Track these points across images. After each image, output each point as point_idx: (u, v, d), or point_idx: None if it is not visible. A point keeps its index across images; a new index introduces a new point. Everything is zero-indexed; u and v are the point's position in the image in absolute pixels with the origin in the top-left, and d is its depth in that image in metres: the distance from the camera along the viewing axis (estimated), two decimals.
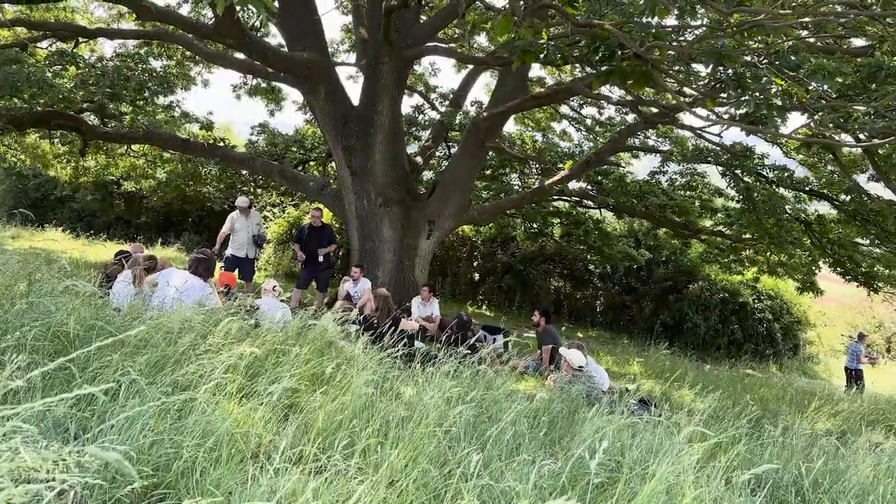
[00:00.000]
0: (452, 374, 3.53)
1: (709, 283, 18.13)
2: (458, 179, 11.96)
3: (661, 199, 12.50)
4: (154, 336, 2.82)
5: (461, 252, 20.21)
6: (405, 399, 2.86)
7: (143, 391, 2.21)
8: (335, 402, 2.55)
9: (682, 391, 8.51)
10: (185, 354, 2.70)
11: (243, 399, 2.63)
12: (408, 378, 3.44)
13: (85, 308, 2.97)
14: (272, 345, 3.48)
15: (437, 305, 11.21)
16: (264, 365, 3.06)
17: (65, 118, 11.42)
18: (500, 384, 4.40)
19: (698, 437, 3.36)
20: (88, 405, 2.12)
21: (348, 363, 3.27)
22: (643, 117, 10.44)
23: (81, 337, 2.66)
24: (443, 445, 2.45)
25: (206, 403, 2.24)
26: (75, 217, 22.63)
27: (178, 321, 3.03)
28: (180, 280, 5.66)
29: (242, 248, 10.86)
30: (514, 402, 3.85)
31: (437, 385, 3.12)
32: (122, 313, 3.54)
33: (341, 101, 11.29)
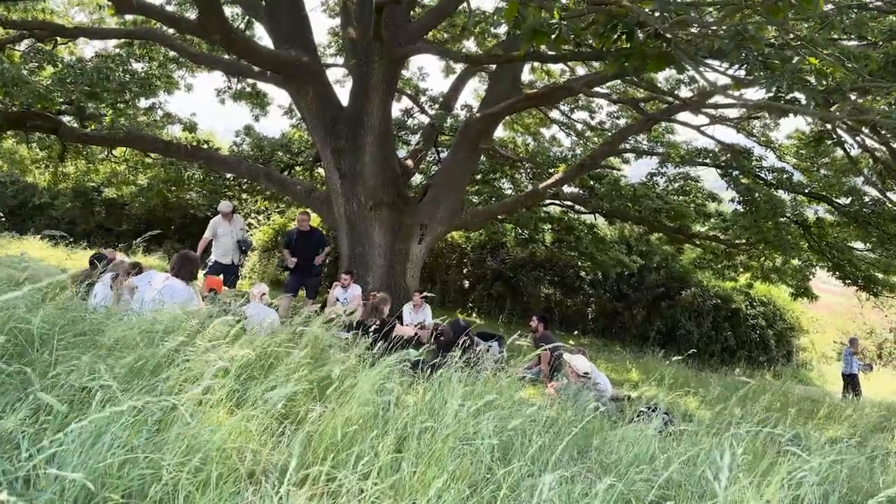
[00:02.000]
0: (464, 381, 3.20)
1: (701, 290, 17.95)
2: (450, 183, 11.66)
3: (655, 203, 12.26)
4: (133, 337, 2.46)
5: (450, 259, 19.89)
6: (420, 406, 2.52)
7: (115, 399, 1.85)
8: (343, 410, 2.21)
9: (687, 399, 8.23)
10: (167, 357, 2.35)
11: (235, 407, 2.29)
12: (417, 385, 3.11)
13: (52, 305, 2.61)
14: (264, 348, 3.13)
15: (430, 312, 10.86)
16: (257, 370, 2.72)
17: (41, 119, 10.98)
18: (510, 392, 4.07)
19: (747, 447, 3.05)
20: (52, 416, 1.76)
21: (351, 369, 2.94)
22: (645, 115, 10.20)
23: (47, 337, 2.30)
24: (471, 460, 2.12)
25: (191, 412, 1.89)
26: (54, 225, 21.99)
27: (162, 321, 2.67)
28: (160, 282, 5.28)
29: (227, 255, 10.45)
30: (526, 410, 3.53)
31: (451, 392, 2.79)
32: (98, 314, 3.17)
33: (330, 102, 10.95)
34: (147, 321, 2.69)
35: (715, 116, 12.25)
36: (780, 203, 10.85)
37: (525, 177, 15.26)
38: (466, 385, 3.30)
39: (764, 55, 3.96)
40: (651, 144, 14.08)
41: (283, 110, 17.07)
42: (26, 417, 1.67)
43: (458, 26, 15.72)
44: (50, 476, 1.35)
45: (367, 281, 11.10)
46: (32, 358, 2.10)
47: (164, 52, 14.09)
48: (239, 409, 2.21)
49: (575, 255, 17.09)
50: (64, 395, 1.90)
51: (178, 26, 9.97)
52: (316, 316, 5.53)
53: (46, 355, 2.10)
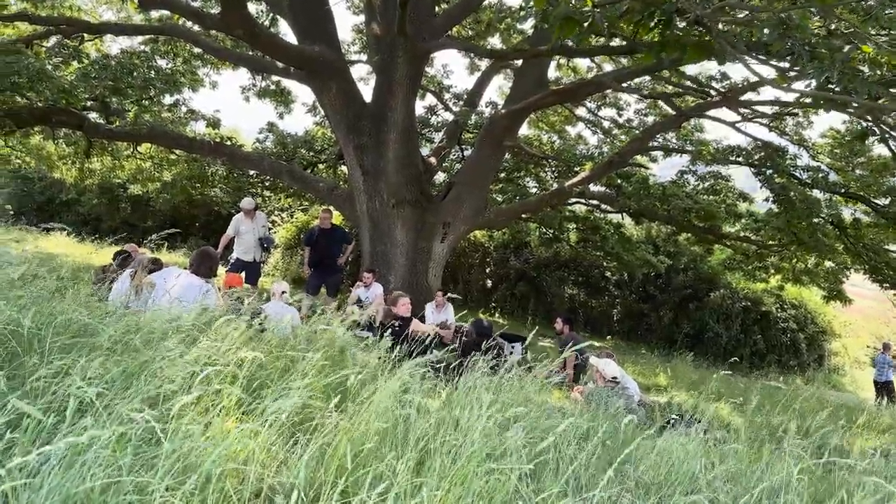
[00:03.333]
0: (490, 387, 3.00)
1: (730, 292, 17.52)
2: (474, 181, 11.45)
3: (685, 203, 11.93)
4: (133, 339, 2.31)
5: (473, 258, 19.69)
6: (442, 416, 2.34)
7: (110, 408, 1.69)
8: (359, 422, 2.03)
9: (719, 405, 7.96)
10: (168, 360, 2.19)
11: (243, 417, 2.12)
12: (440, 390, 2.92)
13: (49, 304, 2.47)
14: (278, 350, 2.97)
15: (452, 311, 10.68)
16: (270, 375, 2.56)
17: (67, 114, 11.00)
18: (537, 399, 3.87)
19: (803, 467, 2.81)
20: (32, 428, 1.59)
21: (370, 374, 2.76)
22: (678, 111, 9.90)
23: (40, 338, 2.15)
24: (499, 479, 1.93)
25: (190, 424, 1.73)
26: (81, 221, 22.22)
27: (164, 321, 2.52)
28: (179, 279, 5.16)
29: (249, 252, 10.38)
30: (558, 426, 3.32)
31: (477, 402, 2.59)
32: (96, 313, 3.03)
33: (353, 99, 10.82)
34: (149, 321, 2.54)
35: (747, 114, 11.92)
36: (816, 203, 10.47)
37: (550, 175, 15.00)
38: (492, 392, 3.11)
39: (811, 45, 3.71)
40: (680, 142, 13.75)
41: (307, 108, 17.01)
42: (6, 429, 1.51)
43: (482, 22, 15.52)
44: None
45: (388, 280, 10.95)
46: (23, 361, 1.97)
47: (188, 48, 14.09)
48: (247, 419, 2.05)
49: (600, 255, 16.78)
50: (53, 402, 1.75)
51: (201, 22, 9.91)
52: (336, 315, 5.38)
53: (37, 359, 1.96)
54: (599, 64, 16.50)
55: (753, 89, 11.14)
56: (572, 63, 17.45)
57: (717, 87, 12.24)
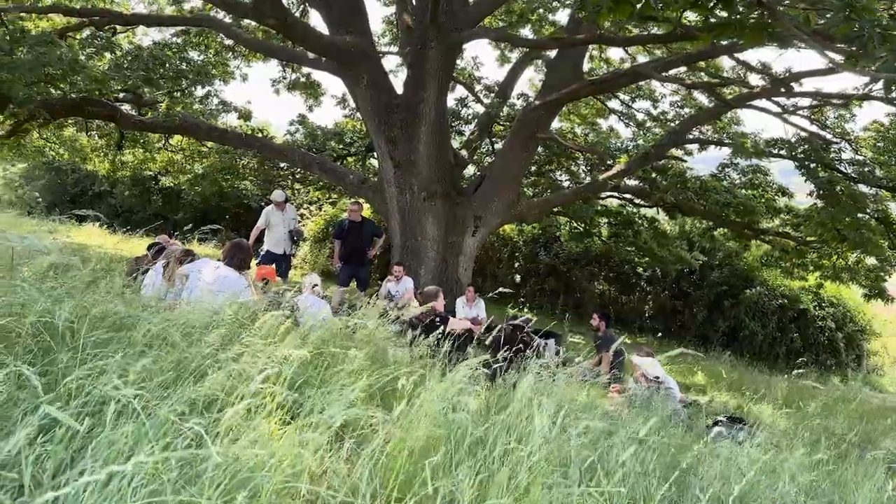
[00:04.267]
0: (540, 388, 2.84)
1: (767, 289, 17.06)
2: (506, 173, 11.27)
3: (724, 197, 11.58)
4: (172, 333, 2.18)
5: (501, 252, 19.46)
6: (498, 420, 2.18)
7: (147, 409, 1.56)
8: (412, 430, 1.89)
9: (761, 406, 7.68)
10: (210, 357, 2.06)
11: (289, 418, 1.99)
12: (486, 392, 2.77)
13: (83, 296, 2.36)
14: (318, 346, 2.84)
15: (484, 307, 10.53)
16: (311, 372, 2.42)
17: (99, 105, 11.05)
18: (581, 397, 3.70)
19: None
20: (67, 438, 1.45)
21: (416, 374, 2.61)
22: (721, 101, 9.58)
23: (74, 331, 2.04)
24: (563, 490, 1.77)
25: (236, 429, 1.59)
26: (113, 213, 22.50)
27: (205, 314, 2.39)
28: (213, 271, 5.07)
29: (280, 245, 10.35)
30: (621, 432, 3.15)
31: (538, 406, 2.43)
32: (143, 305, 2.92)
33: (385, 89, 10.69)
34: (189, 315, 2.42)
35: (788, 106, 11.54)
36: (862, 198, 10.08)
37: (583, 168, 14.73)
38: (540, 393, 2.94)
39: (882, 27, 3.46)
40: (717, 135, 13.38)
41: (336, 100, 16.93)
42: (36, 435, 1.39)
43: (514, 12, 15.26)
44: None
45: (419, 274, 10.83)
46: (56, 357, 1.85)
47: (219, 40, 14.09)
48: (293, 422, 1.91)
49: (632, 250, 16.46)
50: (88, 402, 1.63)
51: (233, 11, 9.87)
52: (373, 309, 5.25)
53: (72, 355, 1.84)
54: (633, 55, 16.17)
55: (797, 80, 10.78)
56: (605, 55, 17.13)
57: (757, 78, 11.90)
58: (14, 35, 9.07)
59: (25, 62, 8.47)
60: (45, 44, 8.52)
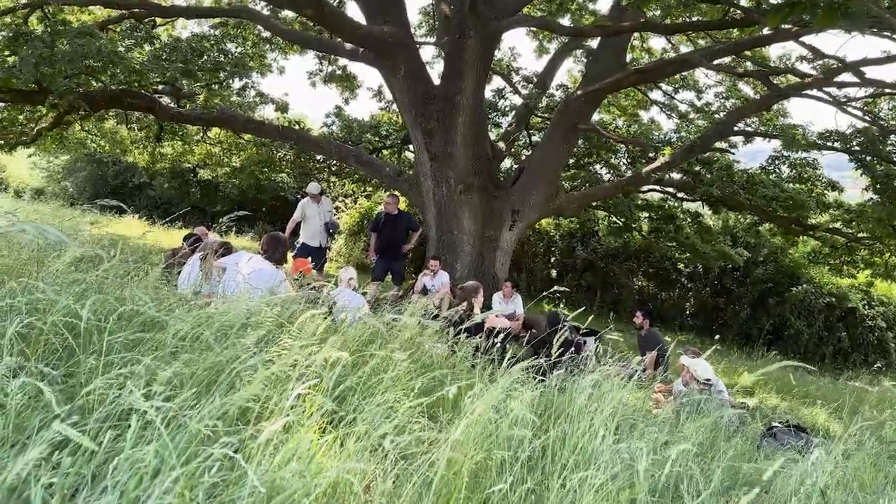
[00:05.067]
0: (587, 391, 2.63)
1: (813, 286, 16.47)
2: (545, 166, 11.00)
3: (772, 191, 11.13)
4: (206, 335, 2.03)
5: (538, 247, 19.17)
6: (549, 430, 1.99)
7: (178, 421, 1.41)
8: (465, 444, 1.71)
9: (814, 410, 7.34)
10: (245, 363, 1.89)
11: (329, 426, 1.83)
12: (533, 392, 2.57)
13: (112, 291, 2.23)
14: (358, 346, 2.68)
15: (521, 302, 10.30)
16: (351, 376, 2.26)
17: (138, 97, 11.10)
18: (631, 400, 3.48)
19: None
20: (87, 455, 1.29)
21: (463, 377, 2.44)
22: (775, 90, 9.17)
23: (101, 330, 1.89)
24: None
25: (274, 448, 1.43)
26: (152, 205, 22.81)
27: (241, 313, 2.24)
28: (250, 264, 4.97)
29: (315, 238, 10.26)
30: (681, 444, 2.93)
31: (578, 411, 2.23)
32: (176, 300, 2.78)
33: (422, 80, 10.52)
34: (223, 314, 2.26)
35: (839, 97, 11.04)
36: None
37: (623, 161, 14.36)
38: (590, 399, 2.74)
39: None
40: (764, 127, 12.90)
41: (372, 93, 16.82)
42: (52, 452, 1.23)
43: (553, 1, 14.93)
44: None
45: (454, 268, 10.66)
46: (79, 360, 1.72)
47: (257, 32, 14.07)
48: (334, 431, 1.75)
49: (673, 245, 16.03)
50: (113, 412, 1.48)
51: (271, 1, 9.78)
52: (404, 304, 5.08)
53: (96, 357, 1.71)
54: (676, 45, 15.72)
55: (852, 69, 10.27)
56: (646, 45, 16.69)
57: (806, 67, 11.40)
58: (55, 27, 9.12)
59: (66, 54, 8.51)
60: (85, 35, 8.54)
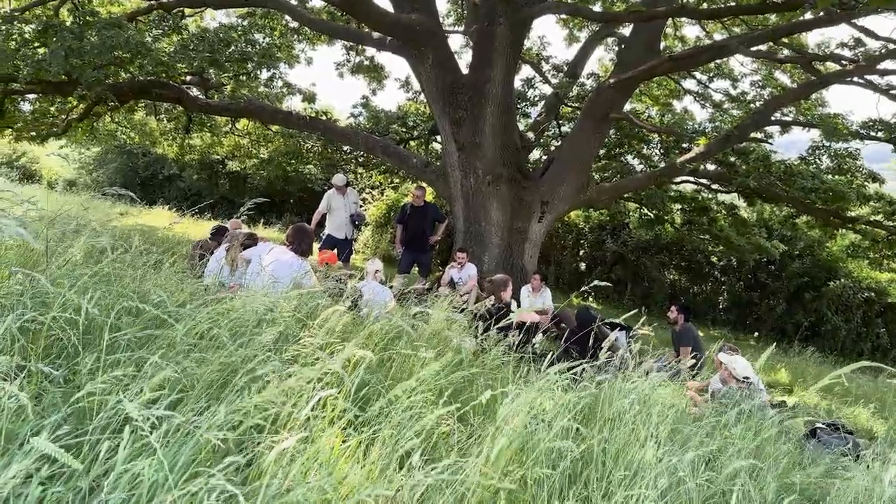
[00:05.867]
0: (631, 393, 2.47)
1: (851, 281, 15.95)
2: (576, 156, 10.75)
3: (811, 183, 10.73)
4: (216, 330, 1.90)
5: (566, 239, 18.89)
6: (591, 439, 1.83)
7: (182, 430, 1.28)
8: (501, 460, 1.56)
9: (856, 409, 7.04)
10: (262, 364, 1.76)
11: (349, 433, 1.69)
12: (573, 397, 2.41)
13: (127, 284, 2.12)
14: (383, 344, 2.54)
15: (550, 296, 10.10)
16: (375, 375, 2.12)
17: (166, 88, 11.10)
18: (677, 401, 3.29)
19: None
20: (85, 468, 1.15)
21: (493, 376, 2.29)
22: (817, 77, 8.82)
23: (109, 326, 1.77)
24: None
25: (292, 456, 1.30)
26: (182, 196, 23.01)
27: (258, 308, 2.11)
28: (274, 255, 4.87)
29: (341, 229, 10.18)
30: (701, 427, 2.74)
31: (620, 418, 2.06)
32: (191, 294, 2.66)
33: (450, 69, 10.33)
34: (239, 308, 2.13)
35: (881, 85, 10.60)
36: None
37: (656, 151, 14.02)
38: (634, 401, 2.57)
39: None
40: (801, 117, 12.45)
41: (399, 83, 16.69)
42: (29, 474, 1.10)
43: None
44: None
45: (482, 260, 10.50)
46: (81, 359, 1.60)
47: (284, 22, 14.01)
48: (356, 436, 1.61)
49: (707, 238, 15.64)
50: (113, 419, 1.36)
51: None
52: (433, 298, 4.95)
53: (97, 357, 1.59)
54: (710, 33, 15.29)
55: (882, 60, 9.85)
56: (680, 32, 16.29)
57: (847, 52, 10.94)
58: (84, 19, 9.13)
59: (95, 46, 8.51)
60: (113, 27, 8.53)
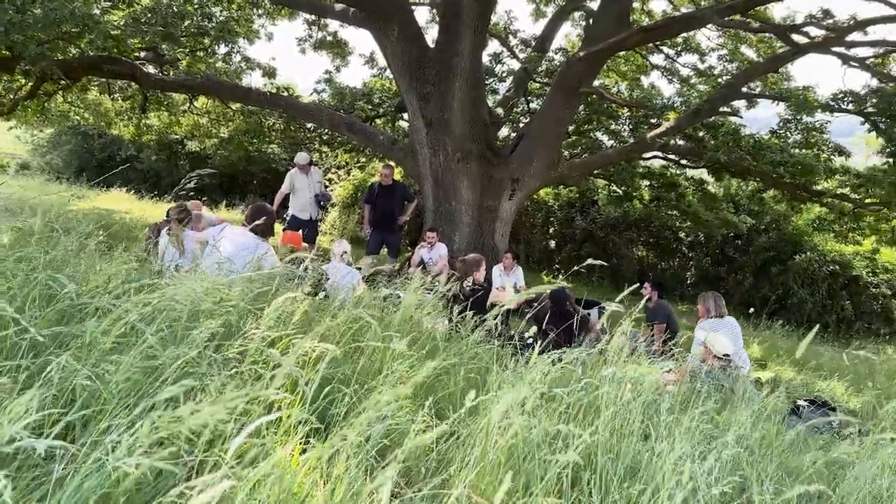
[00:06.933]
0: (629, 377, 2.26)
1: (817, 254, 16.13)
2: (546, 132, 10.53)
3: (779, 157, 10.70)
4: (150, 324, 1.62)
5: (536, 218, 18.76)
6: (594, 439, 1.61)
7: (86, 459, 1.01)
8: (477, 455, 1.34)
9: (830, 383, 7.03)
10: (194, 364, 1.49)
11: (310, 443, 1.44)
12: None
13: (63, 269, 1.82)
14: (350, 332, 2.29)
15: (522, 275, 9.92)
16: (341, 367, 1.87)
17: (118, 63, 10.55)
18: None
19: None
20: None
21: (475, 368, 2.06)
22: (794, 46, 8.71)
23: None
24: None
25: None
26: (140, 178, 22.25)
27: (198, 295, 1.82)
28: (233, 237, 4.56)
29: (305, 210, 9.84)
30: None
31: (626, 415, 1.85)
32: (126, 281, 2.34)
33: (416, 43, 9.99)
34: (171, 297, 1.83)
35: (848, 57, 10.62)
36: None
37: (625, 127, 13.87)
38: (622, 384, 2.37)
39: None
40: (768, 92, 12.41)
41: (364, 59, 16.20)
42: None
43: None
44: None
45: (453, 240, 10.27)
46: None
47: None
48: (319, 444, 1.36)
49: (675, 214, 15.64)
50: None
51: None
52: (403, 279, 4.72)
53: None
54: (677, 6, 15.16)
55: (861, 28, 9.84)
56: (647, 6, 16.12)
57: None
58: None
59: (38, 19, 7.99)
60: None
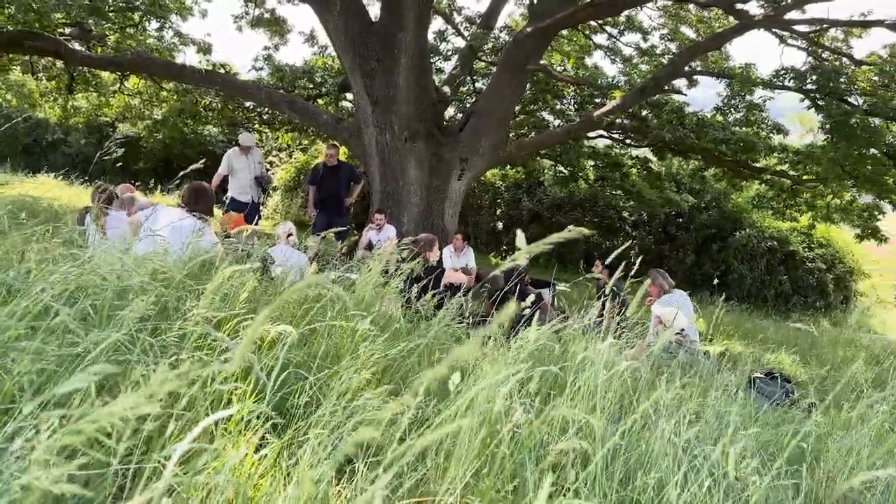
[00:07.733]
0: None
1: (756, 231, 16.62)
2: (494, 111, 10.39)
3: (722, 134, 10.86)
4: (63, 308, 1.37)
5: (483, 199, 18.71)
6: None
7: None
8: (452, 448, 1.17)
9: (778, 355, 7.16)
10: (124, 351, 1.27)
11: (267, 438, 1.24)
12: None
13: None
14: (304, 314, 2.08)
15: (473, 255, 9.80)
16: (298, 353, 1.67)
17: (41, 40, 9.86)
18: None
19: None
20: None
21: (436, 346, 1.89)
22: (742, 21, 8.77)
23: None
24: None
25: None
26: (69, 163, 21.12)
27: (126, 270, 1.58)
28: (168, 218, 4.24)
29: (246, 192, 9.40)
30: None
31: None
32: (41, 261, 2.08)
33: (359, 17, 9.67)
34: (86, 276, 1.58)
35: (785, 37, 10.86)
36: (877, 132, 9.39)
37: (571, 106, 13.87)
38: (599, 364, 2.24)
39: None
40: (709, 69, 12.59)
41: (304, 37, 15.68)
42: None
43: None
44: None
45: (401, 221, 10.06)
46: None
47: None
48: (277, 440, 1.17)
49: (619, 193, 15.80)
50: None
51: None
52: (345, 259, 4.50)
53: None
54: None
55: (800, 6, 10.03)
56: None
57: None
58: None
59: None
60: None
